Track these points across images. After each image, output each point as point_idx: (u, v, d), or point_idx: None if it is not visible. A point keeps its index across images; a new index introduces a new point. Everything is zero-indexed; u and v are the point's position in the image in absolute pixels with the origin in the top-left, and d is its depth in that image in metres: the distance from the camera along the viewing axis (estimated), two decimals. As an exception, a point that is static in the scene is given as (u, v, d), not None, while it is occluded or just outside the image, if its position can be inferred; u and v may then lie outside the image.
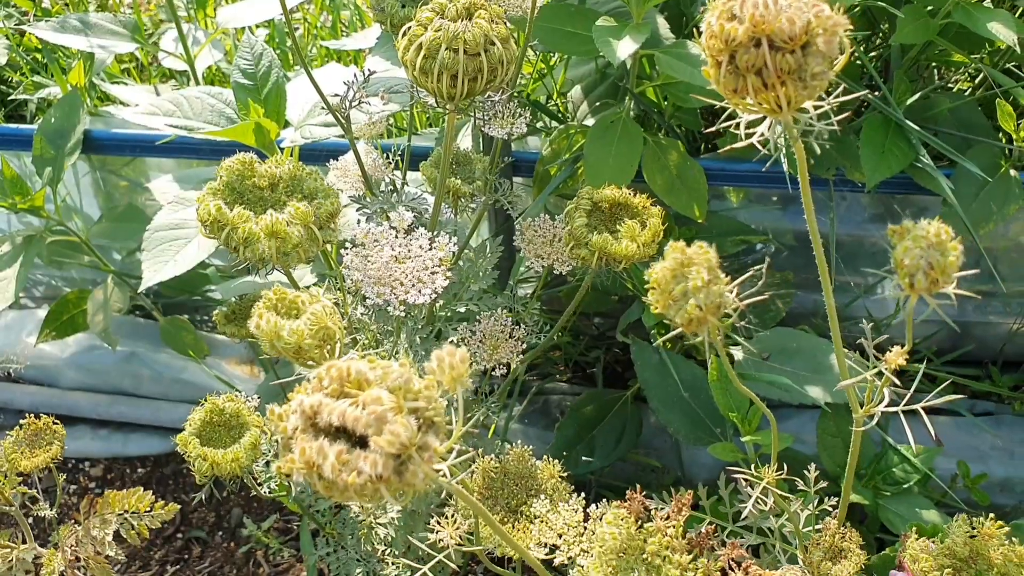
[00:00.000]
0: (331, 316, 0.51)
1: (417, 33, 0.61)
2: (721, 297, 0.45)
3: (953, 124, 1.21)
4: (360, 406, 0.36)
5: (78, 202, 1.47)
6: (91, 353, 1.51)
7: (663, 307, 0.46)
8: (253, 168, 0.61)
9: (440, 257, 0.62)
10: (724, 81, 0.40)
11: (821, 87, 0.39)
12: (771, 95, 0.39)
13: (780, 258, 1.37)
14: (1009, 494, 1.32)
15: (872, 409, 0.61)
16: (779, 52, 0.38)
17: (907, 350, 0.57)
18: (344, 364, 0.37)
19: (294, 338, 0.50)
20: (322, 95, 0.81)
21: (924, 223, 0.45)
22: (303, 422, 0.37)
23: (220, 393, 0.81)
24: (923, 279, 0.45)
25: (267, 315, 0.51)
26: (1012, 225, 1.35)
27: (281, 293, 0.52)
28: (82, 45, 1.36)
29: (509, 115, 0.78)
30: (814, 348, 1.12)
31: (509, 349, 0.80)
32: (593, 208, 0.77)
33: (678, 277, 0.45)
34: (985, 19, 1.07)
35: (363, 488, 0.34)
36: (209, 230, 0.58)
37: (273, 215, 0.57)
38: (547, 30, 1.08)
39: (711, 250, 0.46)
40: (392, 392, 0.37)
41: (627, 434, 1.25)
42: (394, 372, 0.37)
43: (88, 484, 1.47)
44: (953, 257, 0.45)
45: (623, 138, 1.14)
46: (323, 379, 0.38)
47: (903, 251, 0.45)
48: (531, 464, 0.73)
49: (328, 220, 0.59)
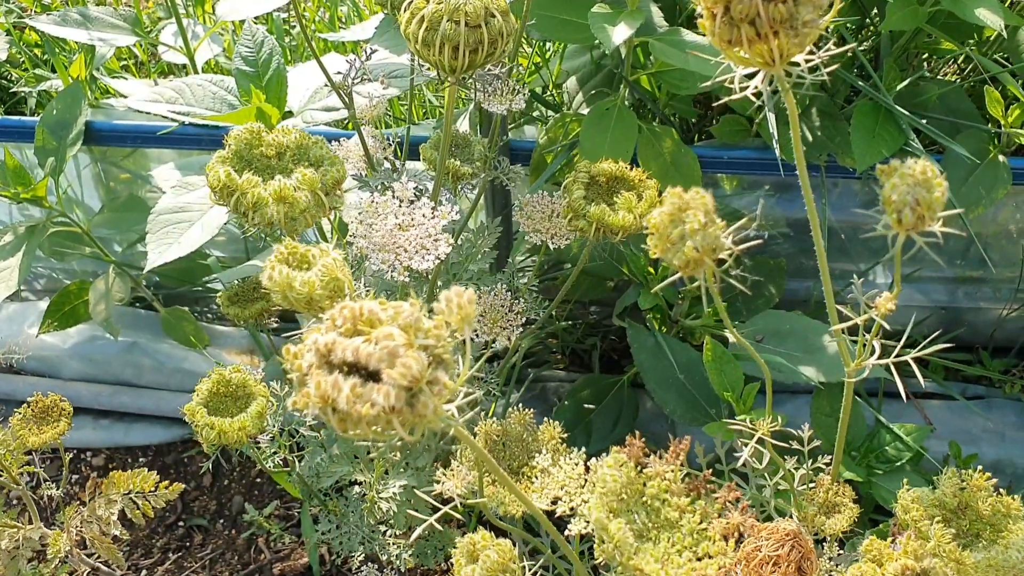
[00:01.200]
0: (341, 268, 0.52)
1: (419, 6, 0.63)
2: (717, 240, 0.47)
3: (942, 110, 1.23)
4: (373, 342, 0.37)
5: (79, 194, 1.48)
6: (92, 344, 1.52)
7: (661, 251, 0.48)
8: (261, 137, 0.63)
9: (443, 224, 0.64)
10: (719, 32, 0.42)
11: (812, 36, 0.41)
12: (764, 46, 0.41)
13: (773, 245, 1.39)
14: (1000, 476, 1.33)
15: (863, 363, 0.62)
16: (772, 1, 0.40)
17: (896, 294, 0.59)
18: (356, 305, 0.39)
19: (306, 289, 0.51)
20: (326, 73, 0.83)
21: (911, 161, 0.47)
22: (318, 359, 0.38)
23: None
24: (910, 215, 0.47)
25: (279, 267, 0.53)
26: (1001, 211, 1.37)
27: (292, 247, 0.53)
28: (83, 38, 1.38)
29: (508, 91, 0.80)
30: (806, 329, 1.14)
31: (509, 323, 0.82)
32: (591, 181, 0.79)
33: (676, 221, 0.47)
34: (973, 6, 1.09)
35: (376, 419, 0.36)
36: (219, 196, 0.59)
37: (281, 180, 0.58)
38: (543, 18, 1.10)
39: (707, 195, 0.47)
40: (403, 330, 0.38)
41: (623, 418, 1.27)
42: (405, 311, 0.39)
43: (90, 473, 1.48)
44: (939, 193, 0.47)
45: (618, 125, 1.16)
46: (336, 319, 0.39)
47: (891, 188, 0.47)
48: (533, 427, 0.74)
49: (334, 186, 0.61)
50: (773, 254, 1.39)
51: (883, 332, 1.45)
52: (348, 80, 0.79)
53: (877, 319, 0.59)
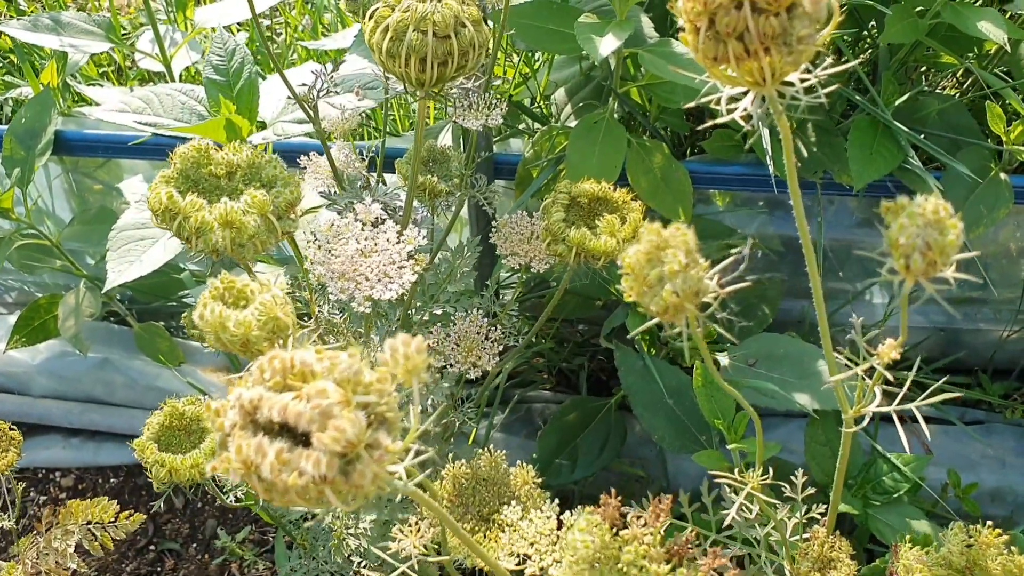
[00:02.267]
0: (282, 306, 0.47)
1: (384, 14, 0.58)
2: (700, 283, 0.42)
3: (941, 126, 1.19)
4: (304, 399, 0.33)
5: (50, 205, 1.43)
6: (63, 360, 1.47)
7: (637, 294, 0.43)
8: (209, 155, 0.58)
9: (408, 251, 0.59)
10: (703, 48, 0.37)
11: (808, 54, 0.36)
12: (754, 64, 0.36)
13: (767, 263, 1.35)
14: (1000, 504, 1.29)
15: (862, 409, 0.58)
16: (762, 14, 0.35)
17: (901, 342, 0.54)
18: (287, 354, 0.34)
19: (240, 330, 0.46)
20: (289, 86, 0.78)
21: (920, 199, 0.42)
22: (242, 418, 0.34)
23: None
24: (920, 260, 0.42)
25: (212, 304, 0.48)
26: (1002, 230, 1.33)
27: (229, 282, 0.48)
28: (54, 44, 1.33)
29: (484, 106, 0.75)
30: (801, 354, 1.10)
31: (485, 352, 0.77)
32: (571, 203, 0.74)
33: (653, 261, 0.42)
34: (975, 18, 1.05)
35: (306, 490, 0.31)
36: (160, 219, 0.55)
37: (228, 203, 0.53)
38: (529, 27, 1.06)
39: (689, 232, 0.42)
40: (340, 385, 0.34)
41: (611, 443, 1.22)
42: (342, 363, 0.34)
43: (59, 495, 1.43)
44: (953, 236, 0.42)
45: (606, 139, 1.12)
46: (265, 371, 0.34)
47: (898, 229, 0.42)
48: (504, 470, 0.69)
49: (287, 209, 0.56)
50: (767, 273, 1.35)
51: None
52: (314, 93, 0.75)
53: (879, 368, 0.54)
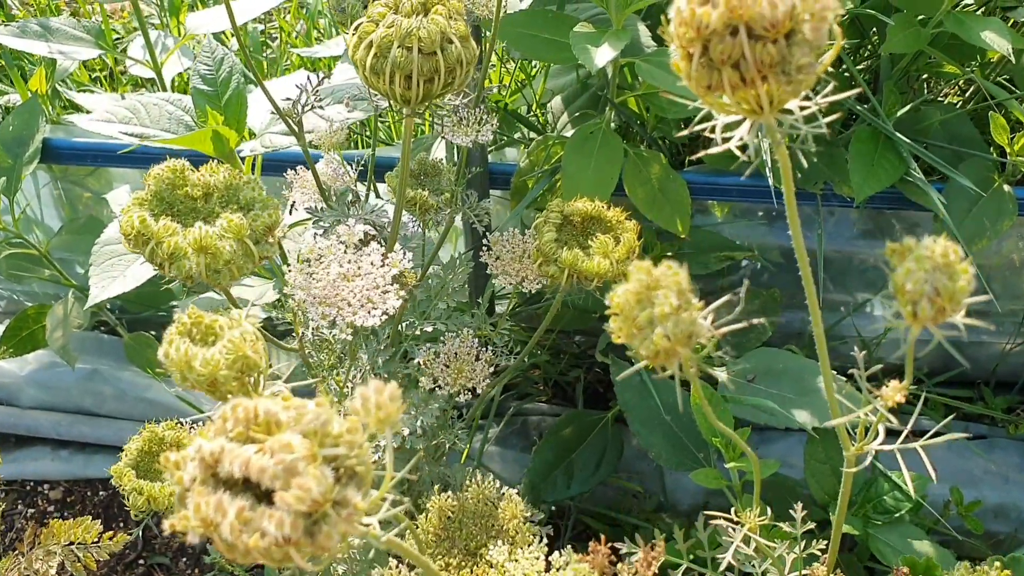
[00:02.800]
0: (252, 344, 0.45)
1: (368, 30, 0.56)
2: (693, 325, 0.40)
3: (944, 137, 1.17)
4: (268, 454, 0.31)
5: (39, 214, 1.41)
6: (51, 370, 1.45)
7: (626, 336, 0.40)
8: (185, 176, 0.56)
9: (393, 274, 0.57)
10: (696, 76, 0.35)
11: (808, 83, 0.34)
12: (751, 92, 0.34)
13: (766, 275, 1.33)
14: (1003, 521, 1.27)
15: (865, 446, 0.56)
16: (759, 41, 0.33)
17: (906, 385, 0.52)
18: (251, 403, 0.32)
19: (207, 369, 0.44)
20: (272, 101, 0.76)
21: (929, 241, 0.40)
22: (202, 471, 0.32)
23: (182, 414, 0.76)
24: (928, 307, 0.39)
25: (178, 341, 0.45)
26: (1005, 242, 1.31)
27: (197, 316, 0.46)
28: (43, 51, 1.31)
29: (474, 121, 0.73)
30: (801, 369, 1.07)
31: (476, 373, 0.75)
32: (564, 222, 0.72)
33: (643, 302, 0.40)
34: (978, 28, 1.03)
35: (268, 551, 0.29)
36: (132, 244, 0.53)
37: (202, 228, 0.51)
38: (524, 36, 1.04)
39: (682, 271, 0.40)
40: (307, 436, 0.31)
41: (607, 458, 1.20)
42: (309, 414, 0.32)
43: (47, 508, 1.40)
44: (963, 282, 0.39)
45: (603, 150, 1.10)
46: (227, 420, 0.32)
47: (905, 274, 0.39)
48: (493, 502, 0.67)
49: (265, 234, 0.54)
50: (766, 285, 1.33)
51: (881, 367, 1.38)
52: (298, 107, 0.72)
53: (881, 410, 0.52)
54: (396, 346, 0.83)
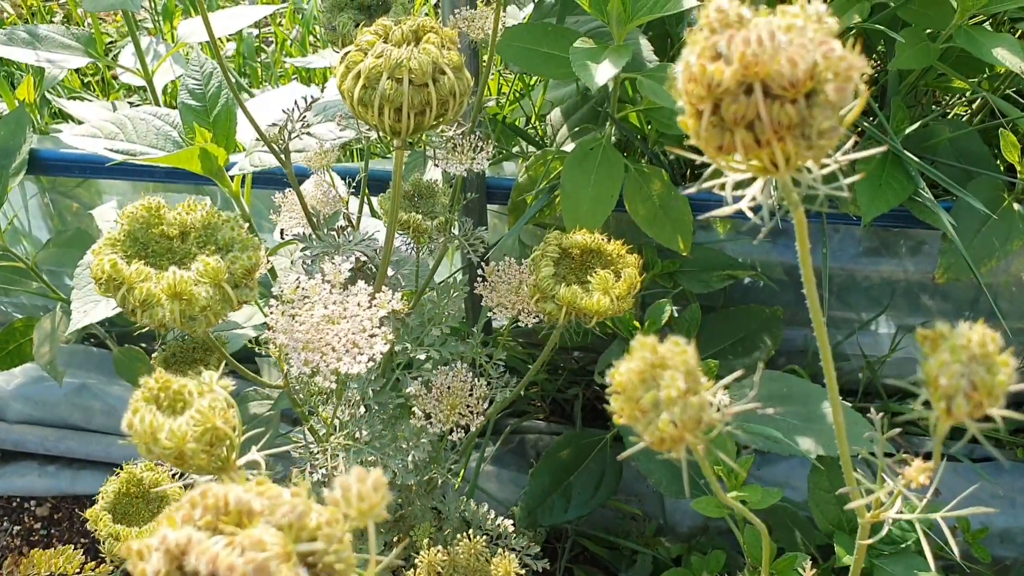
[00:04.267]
0: (222, 413, 0.42)
1: (355, 59, 0.53)
2: (703, 411, 0.37)
3: (953, 154, 1.14)
4: (237, 550, 0.28)
5: (27, 225, 1.38)
6: (39, 385, 1.42)
7: (629, 418, 0.37)
8: (161, 215, 0.53)
9: (381, 316, 0.54)
10: (706, 136, 0.32)
11: (830, 146, 0.31)
12: (765, 152, 0.31)
13: (769, 293, 1.30)
14: (1010, 545, 1.24)
15: (881, 515, 0.53)
16: (776, 101, 0.30)
17: (933, 466, 0.49)
18: (221, 491, 0.29)
19: (173, 442, 0.41)
20: (256, 126, 0.73)
21: (965, 328, 0.37)
22: (167, 563, 0.29)
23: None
24: (964, 403, 0.36)
25: (144, 411, 0.41)
26: (1014, 260, 1.28)
27: (164, 381, 0.43)
28: (30, 59, 1.28)
29: (469, 148, 0.70)
30: (806, 395, 1.05)
31: (470, 409, 0.72)
32: (562, 255, 0.69)
33: (647, 382, 0.37)
34: (990, 44, 1.00)
35: (234, 664, 0.27)
36: (103, 289, 0.50)
37: (176, 273, 0.48)
38: (523, 51, 1.01)
39: (689, 348, 0.37)
40: (281, 529, 0.29)
41: (606, 480, 1.17)
42: (284, 504, 0.29)
43: (33, 525, 1.38)
44: (1004, 375, 0.36)
45: (603, 166, 1.07)
46: (196, 507, 0.30)
47: (939, 366, 0.36)
48: (485, 557, 0.64)
49: (245, 277, 0.51)
50: (769, 302, 1.30)
51: (887, 387, 1.35)
52: (285, 134, 0.70)
53: (899, 487, 0.49)
54: (387, 375, 0.80)
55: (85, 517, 1.40)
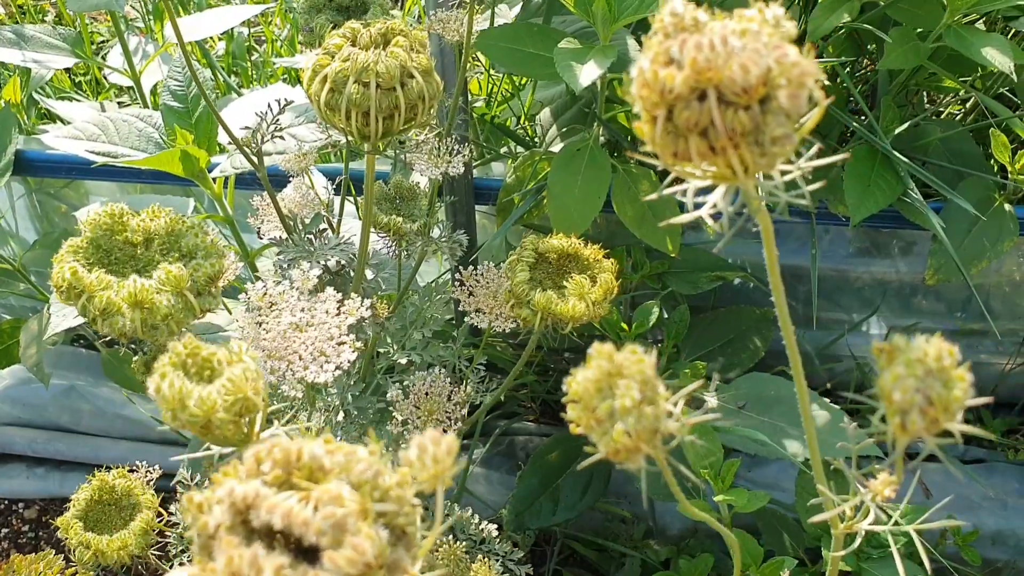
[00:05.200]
0: (253, 382, 0.41)
1: (322, 63, 0.52)
2: (658, 421, 0.36)
3: (944, 154, 1.13)
4: (312, 505, 0.27)
5: (14, 226, 1.38)
6: (27, 386, 1.41)
7: (585, 428, 0.37)
8: (124, 222, 0.52)
9: (349, 324, 0.53)
10: (661, 143, 0.31)
11: (783, 154, 0.30)
12: (721, 159, 0.30)
13: (760, 294, 1.29)
14: (1002, 548, 1.23)
15: (854, 526, 0.52)
16: (730, 107, 0.29)
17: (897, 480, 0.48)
18: (293, 445, 0.29)
19: (202, 410, 0.39)
20: (227, 129, 0.72)
21: (921, 341, 0.36)
22: (231, 517, 0.28)
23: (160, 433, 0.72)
24: (919, 419, 0.36)
25: (172, 376, 0.40)
26: (1005, 261, 1.27)
27: (194, 347, 0.42)
28: (16, 60, 1.27)
29: (445, 151, 0.69)
30: (794, 397, 1.03)
31: (448, 414, 0.72)
32: (538, 260, 0.68)
33: (603, 391, 0.36)
34: (979, 44, 0.99)
35: (310, 618, 0.26)
36: (64, 297, 0.49)
37: (137, 281, 0.48)
38: (508, 51, 1.00)
39: (647, 357, 0.36)
40: (356, 488, 0.28)
41: (594, 483, 1.17)
42: (360, 462, 0.28)
43: (21, 527, 1.37)
44: (959, 391, 0.35)
45: (590, 167, 1.06)
46: (262, 461, 0.29)
47: (893, 380, 0.35)
48: (463, 562, 0.63)
49: (208, 284, 0.50)
50: (759, 303, 1.29)
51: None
52: (258, 137, 0.69)
53: (868, 502, 0.49)
54: (368, 379, 0.79)
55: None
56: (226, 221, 0.96)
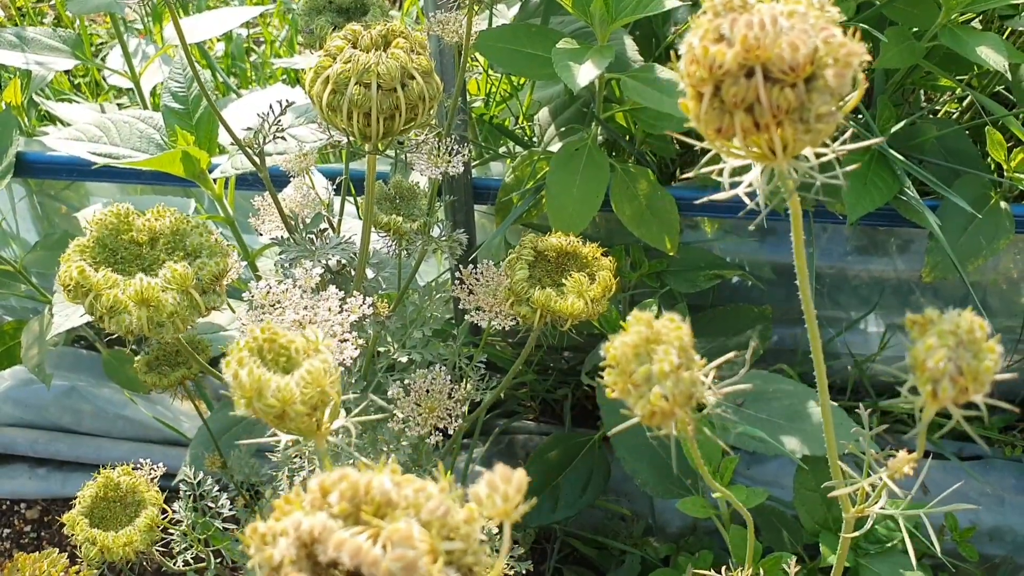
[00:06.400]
0: (330, 375, 0.40)
1: (324, 64, 0.53)
2: (694, 386, 0.37)
3: (940, 153, 1.14)
4: (381, 543, 0.27)
5: (15, 227, 1.38)
6: (29, 387, 1.42)
7: (621, 392, 0.38)
8: (130, 222, 0.53)
9: (351, 321, 0.54)
10: (706, 118, 0.32)
11: (828, 131, 0.31)
12: (763, 137, 0.31)
13: (758, 292, 1.30)
14: (999, 543, 1.24)
15: (866, 509, 0.53)
16: (776, 85, 0.31)
17: (917, 457, 0.49)
18: (362, 478, 0.29)
19: (279, 401, 0.39)
20: (229, 130, 0.73)
21: (954, 314, 0.37)
22: (297, 551, 0.28)
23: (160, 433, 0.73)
24: (950, 387, 0.37)
25: (250, 362, 0.39)
26: (1002, 258, 1.28)
27: (272, 333, 0.41)
28: (18, 62, 1.28)
29: (444, 151, 0.70)
30: (792, 394, 1.05)
31: (448, 411, 0.72)
32: (537, 258, 0.69)
33: (641, 356, 0.37)
34: (974, 43, 1.00)
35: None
36: (72, 296, 0.50)
37: (143, 280, 0.48)
38: (506, 51, 1.01)
39: (684, 325, 0.38)
40: (425, 526, 0.28)
41: (594, 481, 1.17)
42: (432, 500, 0.28)
43: (23, 527, 1.38)
44: (990, 361, 0.37)
45: (588, 166, 1.07)
46: (329, 491, 0.29)
47: (926, 350, 0.36)
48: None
49: (212, 283, 0.51)
50: (758, 300, 1.30)
51: (875, 386, 1.35)
52: (259, 138, 0.69)
53: (886, 480, 0.49)
54: (370, 377, 0.80)
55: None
56: (227, 221, 0.97)
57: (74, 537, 0.66)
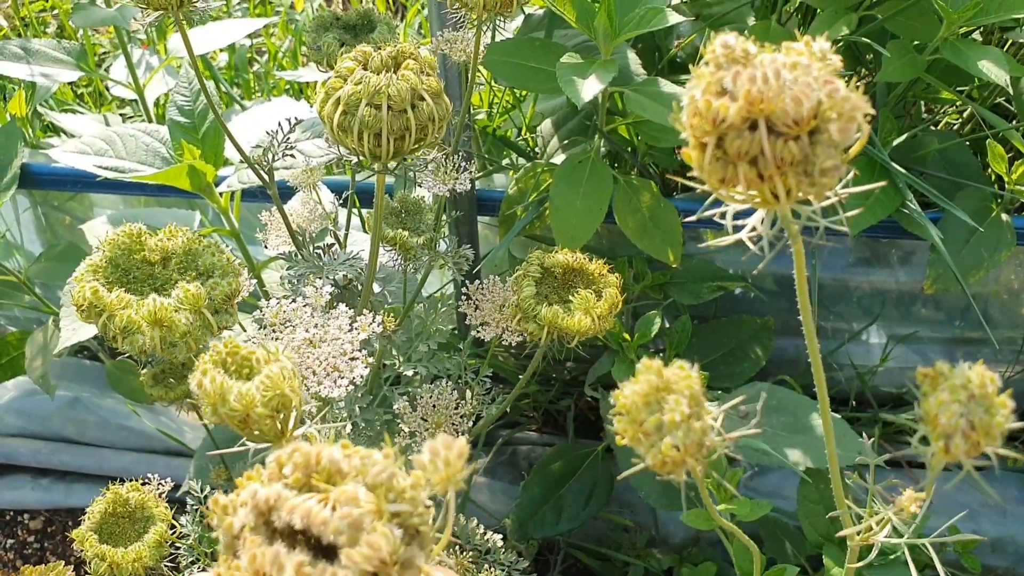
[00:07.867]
0: (289, 380, 0.43)
1: (335, 85, 0.54)
2: (705, 435, 0.37)
3: (942, 165, 1.15)
4: (330, 506, 0.29)
5: (19, 238, 1.39)
6: (32, 397, 1.42)
7: (632, 440, 0.38)
8: (142, 241, 0.53)
9: (362, 339, 0.54)
10: (709, 169, 0.32)
11: (831, 184, 0.31)
12: (767, 185, 0.32)
13: (760, 303, 1.30)
14: (1001, 555, 1.24)
15: (871, 538, 0.53)
16: (780, 138, 0.31)
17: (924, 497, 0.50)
18: (313, 449, 0.30)
19: (242, 405, 0.42)
20: (239, 148, 0.73)
21: (964, 368, 0.38)
22: (255, 518, 0.30)
23: (163, 444, 0.73)
24: (962, 443, 0.37)
25: (213, 372, 0.42)
26: (1003, 270, 1.28)
27: (233, 346, 0.44)
28: (23, 74, 1.28)
29: (452, 168, 0.70)
30: (795, 405, 1.05)
31: (454, 426, 0.72)
32: (544, 275, 0.69)
33: (651, 405, 0.37)
34: (976, 56, 1.00)
35: (327, 614, 0.28)
36: (85, 316, 0.50)
37: (157, 300, 0.49)
38: (509, 65, 1.01)
39: (693, 372, 0.38)
40: (371, 490, 0.30)
41: (598, 492, 1.17)
42: (376, 465, 0.30)
43: (27, 538, 1.38)
44: (1001, 417, 0.37)
45: (592, 179, 1.07)
46: (284, 464, 0.31)
47: (938, 405, 0.37)
48: (471, 574, 0.65)
49: (225, 303, 0.51)
50: (759, 312, 1.30)
51: (878, 397, 1.35)
52: (269, 155, 0.70)
53: (891, 516, 0.50)
54: (375, 391, 0.80)
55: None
56: (232, 234, 0.97)
57: (84, 553, 0.66)
